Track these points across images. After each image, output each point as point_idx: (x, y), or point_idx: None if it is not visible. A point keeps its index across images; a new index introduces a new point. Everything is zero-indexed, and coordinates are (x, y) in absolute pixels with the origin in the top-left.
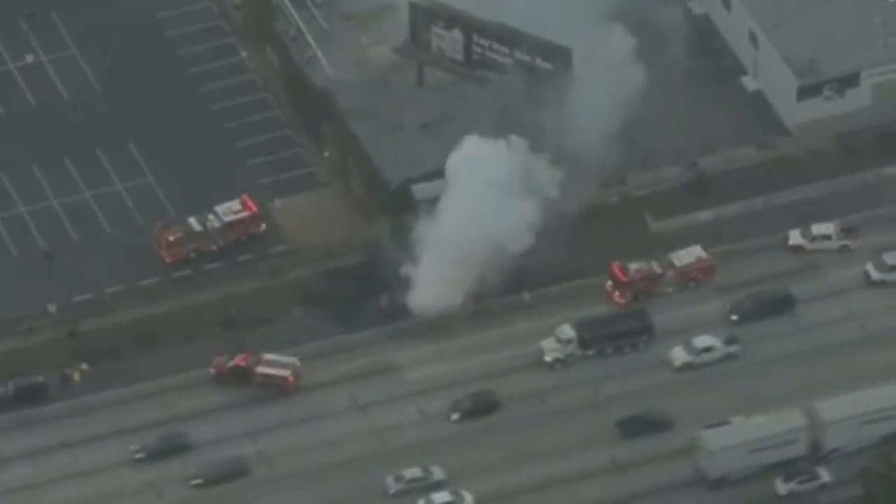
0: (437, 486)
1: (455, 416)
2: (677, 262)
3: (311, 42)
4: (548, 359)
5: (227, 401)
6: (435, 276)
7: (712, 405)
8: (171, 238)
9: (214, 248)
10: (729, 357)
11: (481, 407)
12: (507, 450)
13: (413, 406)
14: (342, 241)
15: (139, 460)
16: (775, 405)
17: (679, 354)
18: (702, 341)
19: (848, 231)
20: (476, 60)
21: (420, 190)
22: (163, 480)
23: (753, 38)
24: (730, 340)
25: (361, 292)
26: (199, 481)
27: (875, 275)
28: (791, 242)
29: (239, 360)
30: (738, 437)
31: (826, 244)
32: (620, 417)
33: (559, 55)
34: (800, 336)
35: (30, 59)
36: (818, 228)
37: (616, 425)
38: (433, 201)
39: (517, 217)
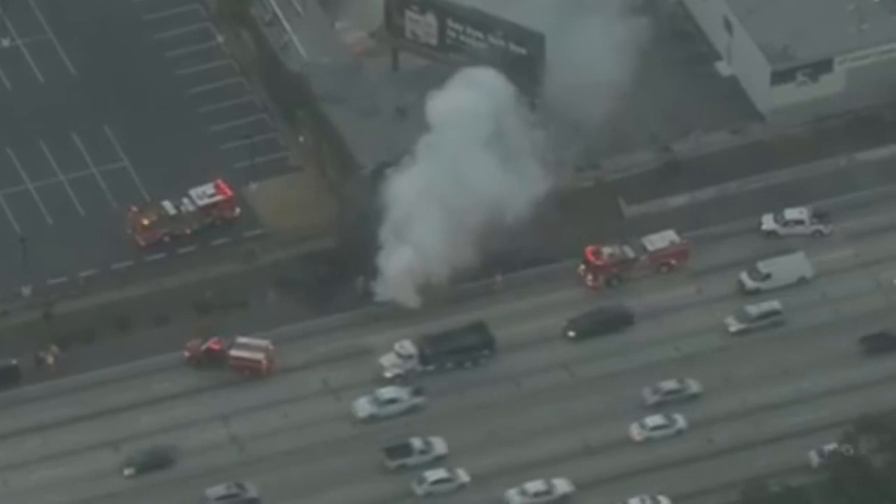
0: (693, 398)
1: (128, 472)
2: (650, 247)
3: (287, 27)
4: (388, 375)
5: (200, 384)
6: (416, 249)
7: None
8: (145, 221)
9: (188, 231)
10: (414, 409)
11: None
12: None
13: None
14: (317, 225)
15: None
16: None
17: (364, 406)
18: (387, 392)
19: (821, 216)
20: (450, 45)
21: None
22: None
23: (728, 24)
24: (416, 392)
25: (336, 276)
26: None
27: (749, 284)
28: (764, 227)
29: (212, 343)
30: None
31: (799, 229)
32: (864, 335)
33: (533, 40)
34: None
35: (6, 42)
36: (791, 213)
37: (860, 342)
38: None
39: (516, 175)
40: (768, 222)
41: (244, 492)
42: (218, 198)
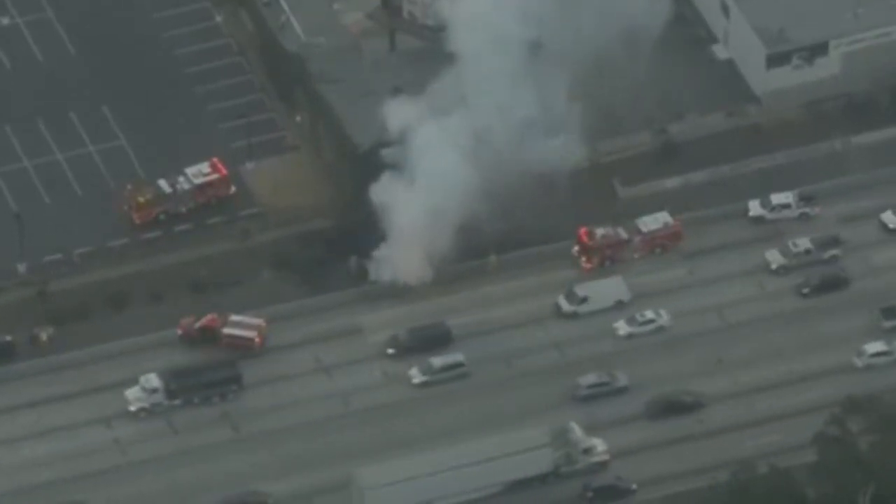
0: None
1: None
2: (644, 228)
3: (285, 7)
4: (132, 409)
5: (193, 361)
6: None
7: None
8: (140, 200)
9: (184, 210)
10: None
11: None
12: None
13: (377, 369)
14: (312, 205)
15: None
16: None
17: None
18: None
19: (807, 199)
20: (447, 26)
21: (390, 154)
22: (128, 439)
23: (725, 8)
24: None
25: (330, 255)
26: None
27: (566, 307)
28: (751, 214)
29: (206, 320)
30: None
31: (786, 213)
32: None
33: None
34: None
35: (5, 21)
36: (777, 198)
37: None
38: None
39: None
40: (755, 208)
41: (615, 381)
42: (213, 177)
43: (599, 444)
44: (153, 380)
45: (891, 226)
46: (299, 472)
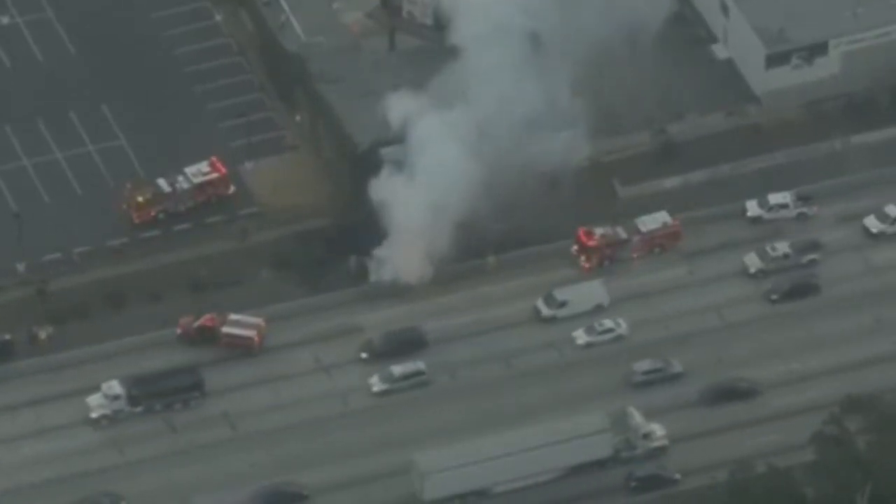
0: None
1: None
2: (643, 228)
3: (285, 6)
4: (94, 416)
5: (192, 360)
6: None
7: None
8: (139, 199)
9: (183, 209)
10: None
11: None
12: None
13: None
14: (311, 205)
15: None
16: None
17: None
18: None
19: (804, 199)
20: (445, 25)
21: (389, 153)
22: (124, 438)
23: (724, 7)
24: None
25: (330, 255)
26: None
27: (545, 311)
28: (749, 214)
29: (205, 320)
30: None
31: (783, 213)
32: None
33: None
34: None
35: (5, 20)
36: (775, 198)
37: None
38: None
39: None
40: (753, 208)
41: (670, 367)
42: (213, 176)
43: (658, 430)
44: (115, 387)
45: (873, 230)
46: (299, 472)
